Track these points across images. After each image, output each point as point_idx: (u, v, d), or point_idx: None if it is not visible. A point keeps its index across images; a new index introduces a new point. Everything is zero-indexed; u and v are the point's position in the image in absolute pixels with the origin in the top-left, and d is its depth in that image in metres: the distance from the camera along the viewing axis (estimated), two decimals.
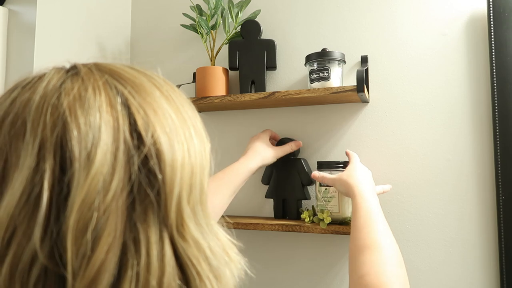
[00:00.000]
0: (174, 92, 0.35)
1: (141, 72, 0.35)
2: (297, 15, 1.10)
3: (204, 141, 0.36)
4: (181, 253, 0.30)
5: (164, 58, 1.24)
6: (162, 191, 0.29)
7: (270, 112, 1.10)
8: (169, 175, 0.29)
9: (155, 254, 0.28)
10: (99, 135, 0.28)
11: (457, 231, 0.92)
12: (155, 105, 0.31)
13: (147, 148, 0.29)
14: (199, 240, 0.31)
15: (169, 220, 0.29)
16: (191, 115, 0.35)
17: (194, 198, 0.32)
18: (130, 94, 0.31)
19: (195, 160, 0.32)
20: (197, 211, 0.32)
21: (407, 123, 0.98)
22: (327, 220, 0.89)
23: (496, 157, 0.87)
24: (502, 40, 0.87)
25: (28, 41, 0.95)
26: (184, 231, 0.30)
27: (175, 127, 0.32)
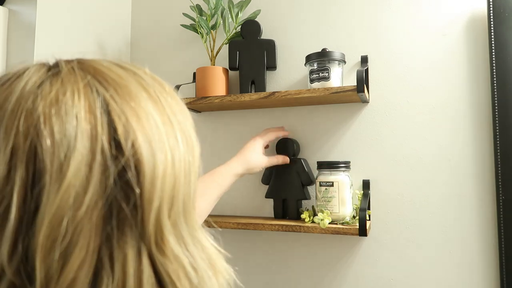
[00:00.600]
0: (164, 93, 0.33)
1: (128, 70, 0.33)
2: (297, 15, 1.10)
3: (193, 146, 0.33)
4: (160, 270, 0.28)
5: (164, 58, 1.24)
6: (139, 205, 0.27)
7: (270, 112, 1.10)
8: (147, 188, 0.27)
9: (132, 271, 0.27)
10: (75, 144, 0.26)
11: (457, 231, 0.92)
12: (139, 110, 0.29)
13: (126, 158, 0.27)
14: (180, 255, 0.29)
15: (147, 235, 0.28)
16: (180, 119, 0.33)
17: (176, 210, 0.30)
18: (112, 98, 0.29)
19: (180, 169, 0.30)
20: (179, 224, 0.30)
21: (407, 123, 0.98)
22: (327, 220, 0.89)
23: (496, 157, 0.87)
24: (502, 40, 0.87)
25: (28, 41, 0.95)
26: (164, 246, 0.28)
27: (159, 134, 0.29)
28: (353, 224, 0.90)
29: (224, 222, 0.99)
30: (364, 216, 0.86)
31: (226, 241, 1.25)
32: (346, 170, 0.95)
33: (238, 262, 1.11)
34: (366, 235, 0.86)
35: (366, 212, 0.89)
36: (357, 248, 1.00)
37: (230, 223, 0.99)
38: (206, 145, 1.16)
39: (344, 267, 1.00)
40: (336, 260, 1.01)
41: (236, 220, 1.00)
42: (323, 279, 1.02)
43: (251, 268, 1.09)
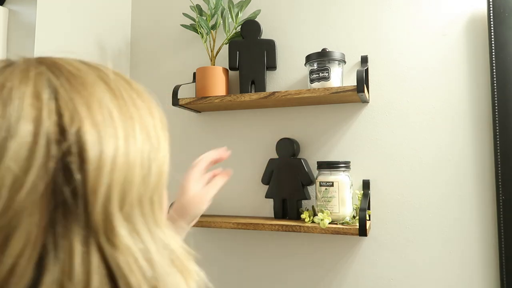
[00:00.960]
0: (129, 90, 0.33)
1: (91, 66, 0.33)
2: (297, 15, 1.10)
3: (156, 142, 0.32)
4: (110, 261, 0.27)
5: (164, 58, 1.24)
6: (82, 193, 0.26)
7: (270, 112, 1.10)
8: (92, 175, 0.27)
9: (78, 261, 0.26)
10: (16, 127, 0.26)
11: (457, 231, 0.92)
12: (91, 99, 0.29)
13: (69, 144, 0.26)
14: (132, 248, 0.28)
15: (94, 224, 0.27)
16: (143, 113, 0.32)
17: (130, 202, 0.29)
18: (62, 86, 0.28)
19: (135, 159, 0.29)
20: (134, 216, 0.29)
21: (407, 123, 0.98)
22: (327, 220, 0.89)
23: (496, 157, 0.87)
24: (502, 40, 0.87)
25: (28, 41, 0.95)
26: (114, 238, 0.27)
27: (111, 123, 0.29)
28: (353, 224, 0.90)
29: (224, 222, 0.99)
30: (364, 216, 0.86)
31: (226, 241, 1.25)
32: (346, 170, 0.95)
33: (238, 262, 1.11)
34: (366, 235, 0.86)
35: (366, 212, 0.89)
36: (357, 248, 1.00)
37: (230, 223, 0.99)
38: (206, 145, 1.16)
39: (344, 267, 1.00)
40: (336, 260, 1.01)
41: (236, 220, 1.00)
42: (323, 279, 1.02)
43: (251, 268, 1.09)
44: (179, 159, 1.18)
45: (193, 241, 1.25)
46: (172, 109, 1.20)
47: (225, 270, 1.12)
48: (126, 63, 1.28)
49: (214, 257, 1.13)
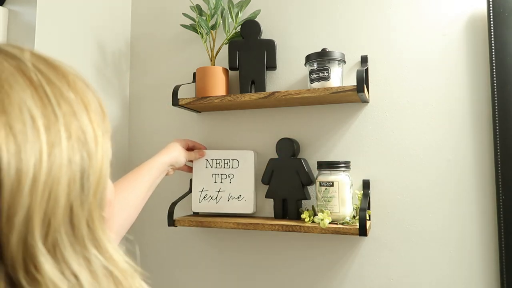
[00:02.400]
0: (54, 79, 0.27)
1: (5, 53, 0.27)
2: (297, 15, 1.10)
3: (93, 141, 0.28)
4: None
5: (164, 58, 1.24)
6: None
7: (270, 112, 1.10)
8: (6, 200, 0.22)
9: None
10: None
11: (457, 231, 0.92)
12: (8, 101, 0.24)
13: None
14: (59, 284, 0.24)
15: (11, 260, 0.23)
16: (75, 109, 0.27)
17: (57, 227, 0.24)
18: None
19: (61, 174, 0.24)
20: (62, 243, 0.25)
21: (407, 123, 0.98)
22: (327, 220, 0.89)
23: (496, 157, 0.87)
24: (502, 40, 0.87)
25: (28, 41, 0.95)
26: (37, 274, 0.23)
27: (33, 131, 0.24)
28: (353, 224, 0.90)
29: (224, 222, 0.99)
30: (364, 216, 0.86)
31: (226, 241, 1.25)
32: (346, 170, 0.95)
33: (238, 262, 1.11)
34: (366, 235, 0.86)
35: (366, 212, 0.89)
36: (357, 248, 1.00)
37: (230, 223, 0.99)
38: (206, 145, 1.16)
39: (344, 267, 1.00)
40: (336, 260, 1.01)
41: (236, 220, 1.00)
42: (323, 279, 1.02)
43: (251, 268, 1.09)
44: None
45: (193, 241, 1.25)
46: (172, 109, 1.20)
47: (225, 270, 1.12)
48: (126, 63, 1.28)
49: (214, 257, 1.13)
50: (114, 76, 1.22)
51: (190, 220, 1.04)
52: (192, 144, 1.08)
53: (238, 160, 1.07)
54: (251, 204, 1.05)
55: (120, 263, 0.29)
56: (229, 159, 1.07)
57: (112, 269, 0.27)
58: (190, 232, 1.17)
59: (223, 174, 1.07)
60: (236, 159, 1.07)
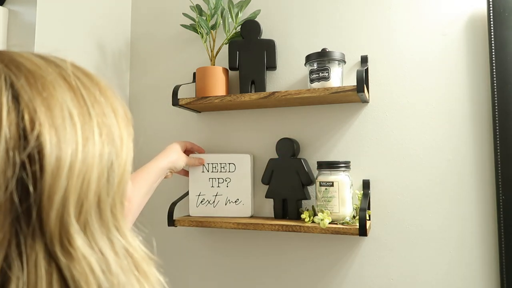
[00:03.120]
0: (89, 86, 0.32)
1: (50, 61, 0.31)
2: (297, 15, 1.10)
3: (119, 141, 0.32)
4: (65, 273, 0.26)
5: (164, 58, 1.24)
6: (37, 200, 0.26)
7: (270, 112, 1.10)
8: (48, 181, 0.26)
9: (42, 273, 0.25)
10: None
11: (457, 231, 0.92)
12: (52, 101, 0.28)
13: (29, 149, 0.25)
14: (89, 258, 0.27)
15: (49, 234, 0.26)
16: (105, 111, 0.31)
17: (88, 209, 0.28)
18: (22, 88, 0.27)
19: (93, 164, 0.28)
20: (92, 224, 0.28)
21: (407, 123, 0.98)
22: (327, 220, 0.89)
23: (496, 157, 0.87)
24: (502, 40, 0.87)
25: (28, 41, 0.95)
26: (70, 248, 0.27)
27: (71, 126, 0.28)
28: (353, 224, 0.90)
29: (224, 222, 0.99)
30: (364, 216, 0.86)
31: (226, 241, 1.25)
32: (346, 170, 0.95)
33: (238, 262, 1.11)
34: (366, 235, 0.86)
35: (366, 212, 0.89)
36: (357, 248, 1.00)
37: (230, 223, 0.99)
38: (206, 145, 1.16)
39: (344, 267, 1.00)
40: (336, 260, 1.01)
41: (236, 220, 1.00)
42: (323, 279, 1.02)
43: (251, 268, 1.09)
44: None
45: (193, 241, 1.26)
46: (172, 109, 1.20)
47: (225, 270, 1.12)
48: (126, 63, 1.28)
49: (214, 257, 1.13)
50: (114, 76, 1.22)
51: (190, 220, 1.04)
52: (190, 147, 1.07)
53: (234, 164, 1.07)
54: (249, 207, 1.05)
55: (138, 250, 0.32)
56: (226, 163, 1.07)
57: (132, 251, 0.31)
58: (190, 232, 1.17)
59: (220, 178, 1.07)
60: (233, 163, 1.07)
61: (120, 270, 0.29)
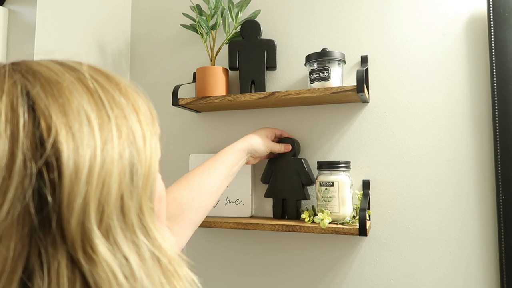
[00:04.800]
0: (107, 87, 0.31)
1: (68, 67, 0.31)
2: (297, 15, 1.10)
3: (142, 141, 0.31)
4: (88, 279, 0.26)
5: (164, 58, 1.24)
6: (57, 208, 0.26)
7: (270, 112, 1.10)
8: (67, 188, 0.25)
9: (65, 281, 0.25)
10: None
11: (457, 231, 0.92)
12: (68, 106, 0.28)
13: (46, 157, 0.25)
14: (111, 263, 0.27)
15: (71, 241, 0.26)
16: (126, 112, 0.31)
17: (109, 213, 0.28)
18: (38, 95, 0.27)
19: (112, 168, 0.28)
20: (114, 228, 0.28)
21: (407, 123, 0.98)
22: (327, 220, 0.89)
23: (496, 157, 0.87)
24: (502, 40, 0.87)
25: (28, 41, 0.95)
26: (93, 253, 0.26)
27: (89, 130, 0.28)
28: (353, 224, 0.90)
29: (224, 222, 0.99)
30: (364, 216, 0.86)
31: (226, 241, 1.25)
32: (346, 170, 0.95)
33: (238, 262, 1.11)
34: (366, 235, 0.86)
35: (366, 212, 0.89)
36: (357, 248, 1.00)
37: (230, 223, 0.99)
38: (206, 145, 1.16)
39: (344, 267, 1.00)
40: (336, 260, 1.01)
41: (236, 220, 1.00)
42: (323, 279, 1.02)
43: (251, 268, 1.09)
44: (179, 159, 1.18)
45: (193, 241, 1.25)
46: (172, 109, 1.20)
47: (225, 270, 1.12)
48: (126, 63, 1.28)
49: (214, 257, 1.13)
50: None
51: None
52: (279, 133, 1.02)
53: None
54: (249, 207, 1.05)
55: (168, 251, 0.31)
56: None
57: (159, 255, 0.30)
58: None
59: None
60: None
61: (144, 275, 0.28)
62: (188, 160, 1.15)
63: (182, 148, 1.19)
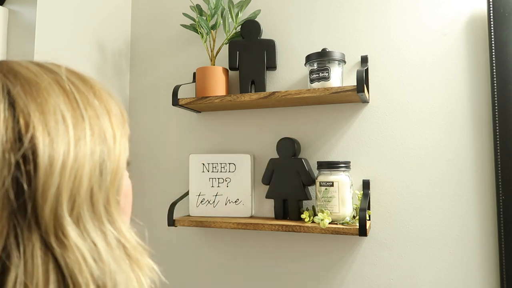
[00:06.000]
0: (83, 89, 0.34)
1: (46, 69, 0.34)
2: (297, 15, 1.10)
3: (112, 140, 0.34)
4: (60, 261, 0.29)
5: (164, 58, 1.24)
6: (32, 196, 0.28)
7: (270, 112, 1.10)
8: (42, 179, 0.28)
9: (38, 261, 0.28)
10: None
11: (457, 231, 0.92)
12: (45, 105, 0.30)
13: (23, 150, 0.28)
14: (81, 247, 0.29)
15: (45, 227, 0.29)
16: (98, 113, 0.33)
17: (80, 203, 0.30)
18: (18, 94, 0.30)
19: (84, 162, 0.30)
20: (84, 216, 0.31)
21: (407, 123, 0.98)
22: (327, 220, 0.89)
23: (496, 157, 0.87)
24: (502, 40, 0.87)
25: (28, 41, 0.95)
26: (64, 238, 0.29)
27: (64, 128, 0.30)
28: (353, 224, 0.90)
29: (224, 222, 0.99)
30: (364, 216, 0.86)
31: (226, 241, 1.25)
32: (346, 170, 0.95)
33: (238, 262, 1.11)
34: (366, 235, 0.86)
35: (366, 212, 0.89)
36: (357, 248, 1.00)
37: (230, 223, 0.99)
38: (206, 145, 1.16)
39: (344, 267, 1.00)
40: (336, 260, 1.01)
41: (236, 220, 1.00)
42: (323, 279, 1.02)
43: (251, 268, 1.09)
44: (179, 159, 1.18)
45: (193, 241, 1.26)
46: (172, 109, 1.20)
47: (225, 270, 1.12)
48: (126, 63, 1.28)
49: (214, 257, 1.13)
50: (114, 76, 1.22)
51: (190, 220, 1.04)
52: None
53: (234, 164, 1.07)
54: (249, 208, 1.05)
55: (132, 240, 0.34)
56: (226, 163, 1.07)
57: (124, 242, 0.33)
58: (190, 232, 1.16)
59: (220, 178, 1.07)
60: (233, 163, 1.07)
61: (111, 259, 0.31)
62: (188, 160, 1.15)
63: (182, 148, 1.19)
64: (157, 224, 1.19)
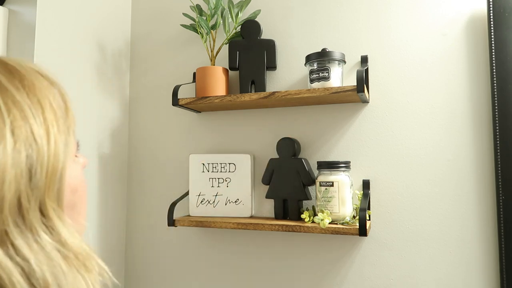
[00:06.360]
0: (3, 88, 0.30)
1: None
2: (297, 15, 1.10)
3: (45, 138, 0.30)
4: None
5: (164, 58, 1.24)
6: None
7: (270, 112, 1.10)
8: None
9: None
10: None
11: (457, 231, 0.92)
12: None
13: None
14: (6, 267, 0.27)
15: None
16: (19, 114, 0.30)
17: (3, 220, 0.27)
18: None
19: (3, 175, 0.27)
20: (11, 233, 0.28)
21: (407, 123, 0.98)
22: (327, 220, 0.89)
23: (496, 157, 0.87)
24: (502, 40, 0.87)
25: (28, 41, 0.95)
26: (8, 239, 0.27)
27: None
28: (353, 224, 0.90)
29: (224, 222, 0.99)
30: (364, 216, 0.86)
31: (226, 241, 1.25)
32: (346, 170, 0.95)
33: (238, 262, 1.11)
34: (366, 235, 0.86)
35: (366, 212, 0.89)
36: (357, 248, 1.00)
37: (230, 223, 0.99)
38: (206, 145, 1.16)
39: (344, 267, 1.00)
40: (336, 260, 1.01)
41: (236, 220, 1.00)
42: (323, 279, 1.02)
43: (251, 268, 1.09)
44: (179, 159, 1.18)
45: (193, 241, 1.26)
46: (172, 109, 1.20)
47: (225, 270, 1.12)
48: (126, 63, 1.28)
49: (214, 257, 1.13)
50: (114, 76, 1.22)
51: (190, 220, 1.04)
52: None
53: (234, 164, 1.07)
54: (249, 208, 1.05)
55: (75, 246, 0.31)
56: (226, 163, 1.07)
57: (64, 251, 0.30)
58: (190, 232, 1.17)
59: (220, 178, 1.07)
60: (233, 163, 1.07)
61: (48, 273, 0.28)
62: (188, 160, 1.15)
63: (182, 148, 1.19)
64: (157, 224, 1.19)
